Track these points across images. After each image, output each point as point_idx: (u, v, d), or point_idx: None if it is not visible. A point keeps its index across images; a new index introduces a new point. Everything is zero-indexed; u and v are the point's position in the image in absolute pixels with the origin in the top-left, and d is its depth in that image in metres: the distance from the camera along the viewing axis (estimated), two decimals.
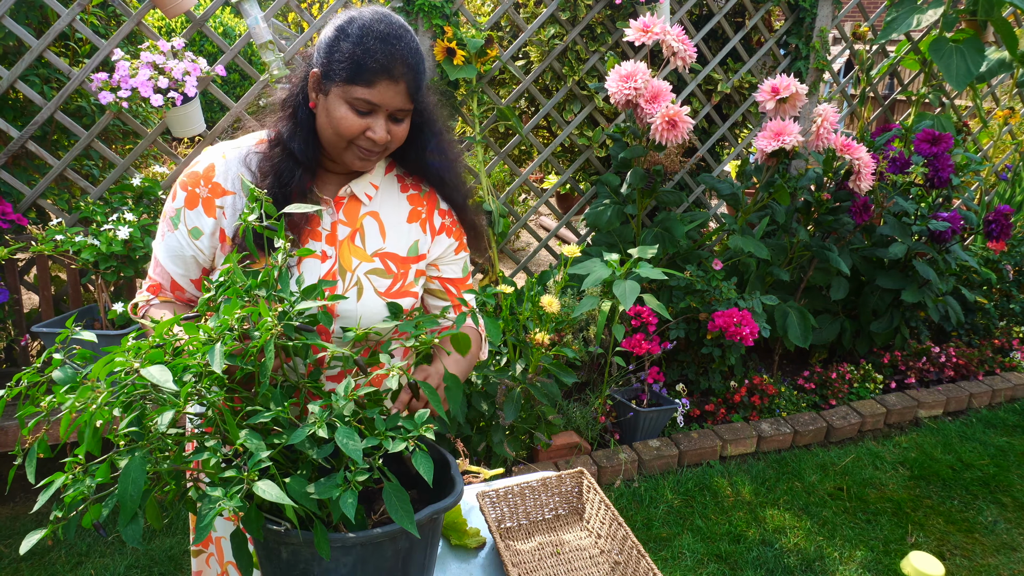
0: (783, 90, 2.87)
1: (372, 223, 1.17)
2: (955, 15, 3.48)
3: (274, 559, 0.85)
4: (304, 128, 1.09)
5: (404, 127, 1.08)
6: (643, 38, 2.78)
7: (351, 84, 1.01)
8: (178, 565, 2.20)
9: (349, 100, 1.02)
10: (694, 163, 3.68)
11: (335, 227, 1.14)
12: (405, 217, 1.20)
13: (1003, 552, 2.45)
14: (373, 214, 1.17)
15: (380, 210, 1.18)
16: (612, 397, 2.93)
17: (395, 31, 1.02)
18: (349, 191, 1.15)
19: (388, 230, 1.18)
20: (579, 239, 3.54)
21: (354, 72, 1.00)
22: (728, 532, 2.48)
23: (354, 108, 1.02)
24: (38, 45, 2.44)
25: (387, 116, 1.05)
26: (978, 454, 3.08)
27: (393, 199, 1.20)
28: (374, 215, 1.17)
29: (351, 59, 1.00)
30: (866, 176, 3.06)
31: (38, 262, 2.61)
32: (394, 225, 1.18)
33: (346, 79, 1.01)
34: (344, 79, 1.01)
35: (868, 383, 3.44)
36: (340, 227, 1.14)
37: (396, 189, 1.21)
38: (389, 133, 1.05)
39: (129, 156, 2.68)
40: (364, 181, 1.16)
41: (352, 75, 1.00)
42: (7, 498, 2.50)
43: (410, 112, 1.08)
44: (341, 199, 1.15)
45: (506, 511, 1.32)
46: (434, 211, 1.23)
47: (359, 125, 1.03)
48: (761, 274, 3.32)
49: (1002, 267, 4.06)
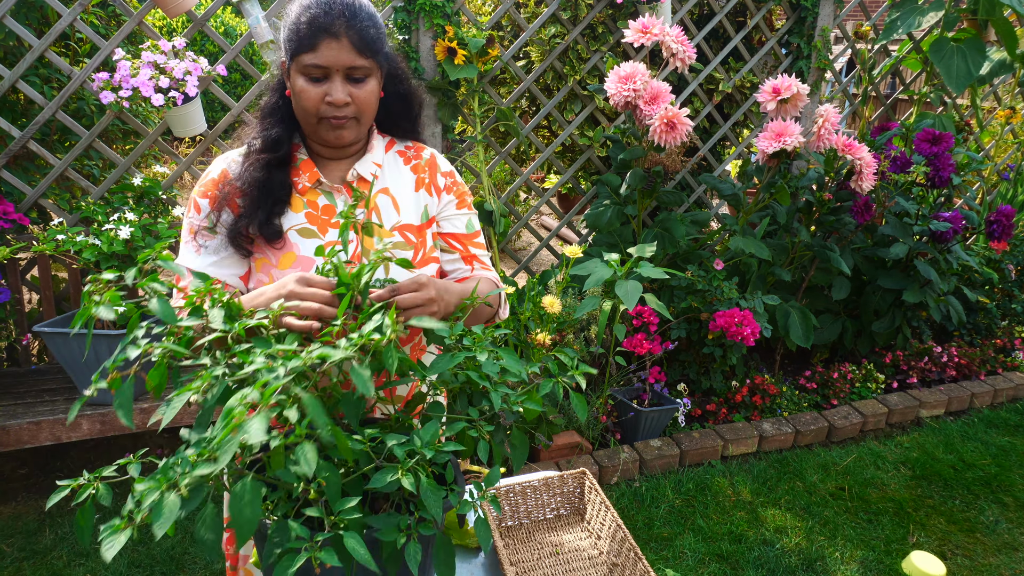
0: (784, 90, 2.86)
1: (385, 199, 1.19)
2: (956, 15, 3.47)
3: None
4: (281, 115, 1.15)
5: (368, 88, 1.09)
6: (642, 39, 2.77)
7: (299, 54, 1.04)
8: (179, 564, 2.21)
9: (302, 70, 1.05)
10: (695, 163, 3.68)
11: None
12: (412, 187, 1.23)
13: (1004, 552, 2.45)
14: (384, 191, 1.20)
15: (390, 186, 1.21)
16: (613, 397, 2.93)
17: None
18: (355, 174, 1.18)
19: (400, 203, 1.20)
20: (580, 239, 3.53)
21: (298, 42, 1.04)
22: (729, 532, 2.47)
23: (309, 77, 1.06)
24: (39, 45, 2.44)
25: (343, 78, 1.06)
26: (980, 454, 3.08)
27: (398, 172, 1.23)
28: (385, 191, 1.20)
29: (292, 30, 1.05)
30: (868, 176, 3.06)
31: (39, 262, 2.61)
32: (404, 196, 1.21)
33: (294, 50, 1.05)
34: (294, 51, 1.05)
35: (870, 383, 3.44)
36: (356, 210, 1.16)
37: (400, 163, 1.24)
38: (350, 96, 1.07)
39: (130, 156, 2.68)
40: (367, 161, 1.19)
41: (298, 45, 1.04)
42: (9, 497, 2.50)
43: (369, 71, 1.08)
44: (351, 183, 1.18)
45: (507, 510, 1.32)
46: (436, 174, 1.26)
47: (317, 93, 1.06)
48: (762, 274, 3.31)
49: (1004, 267, 4.06)
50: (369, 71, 1.08)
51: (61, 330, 2.23)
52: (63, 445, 2.74)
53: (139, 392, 2.44)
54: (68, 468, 2.67)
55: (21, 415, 2.28)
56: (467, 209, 1.29)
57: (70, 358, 2.27)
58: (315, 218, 1.14)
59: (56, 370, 2.65)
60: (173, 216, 2.52)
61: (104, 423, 2.32)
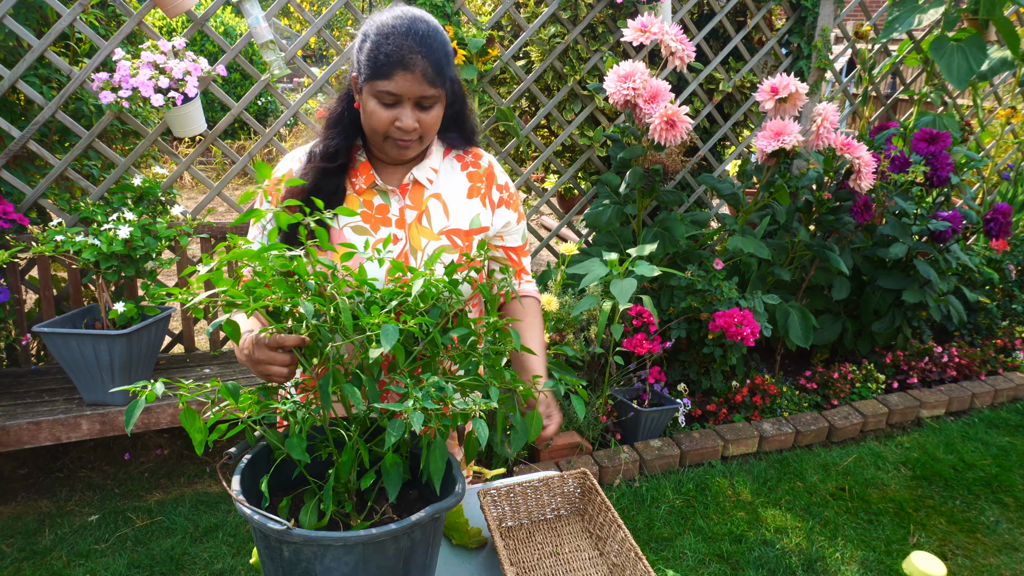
0: (782, 90, 2.86)
1: (436, 204, 1.27)
2: (957, 14, 3.47)
3: (276, 557, 0.85)
4: (347, 123, 1.23)
5: (434, 114, 1.16)
6: (641, 38, 2.77)
7: (374, 80, 1.11)
8: (179, 565, 2.20)
9: (375, 94, 1.12)
10: (695, 162, 3.68)
11: (403, 212, 1.25)
12: (465, 193, 1.30)
13: (1005, 552, 2.45)
14: (436, 196, 1.27)
15: (442, 191, 1.28)
16: (613, 397, 2.93)
17: (408, 25, 1.10)
18: (412, 178, 1.26)
19: (451, 208, 1.28)
20: (581, 239, 3.53)
21: (374, 68, 1.10)
22: (730, 532, 2.47)
23: (381, 102, 1.13)
24: (39, 45, 2.44)
25: (413, 104, 1.13)
26: (980, 454, 3.08)
27: (453, 178, 1.30)
28: (437, 196, 1.27)
29: (370, 57, 1.11)
30: (867, 175, 3.06)
31: (39, 262, 2.61)
32: (456, 203, 1.29)
33: (370, 76, 1.11)
34: (369, 76, 1.12)
35: (870, 383, 3.43)
36: (407, 211, 1.25)
37: (456, 168, 1.31)
38: (418, 121, 1.14)
39: (130, 156, 2.68)
40: (424, 167, 1.26)
41: (373, 72, 1.11)
42: (9, 497, 2.50)
43: (437, 99, 1.15)
44: (406, 186, 1.26)
45: (507, 510, 1.32)
46: (492, 186, 1.33)
47: (388, 116, 1.13)
48: (762, 274, 3.31)
49: (1004, 267, 4.05)
50: (437, 99, 1.15)
51: (61, 330, 2.22)
52: (63, 445, 2.74)
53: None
54: (68, 468, 2.67)
55: (21, 415, 2.28)
56: (522, 221, 1.39)
57: (70, 358, 2.27)
58: (369, 216, 1.23)
59: (56, 370, 2.65)
60: (172, 216, 2.52)
61: (104, 423, 2.32)
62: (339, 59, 2.90)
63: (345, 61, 2.91)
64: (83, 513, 2.43)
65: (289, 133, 8.39)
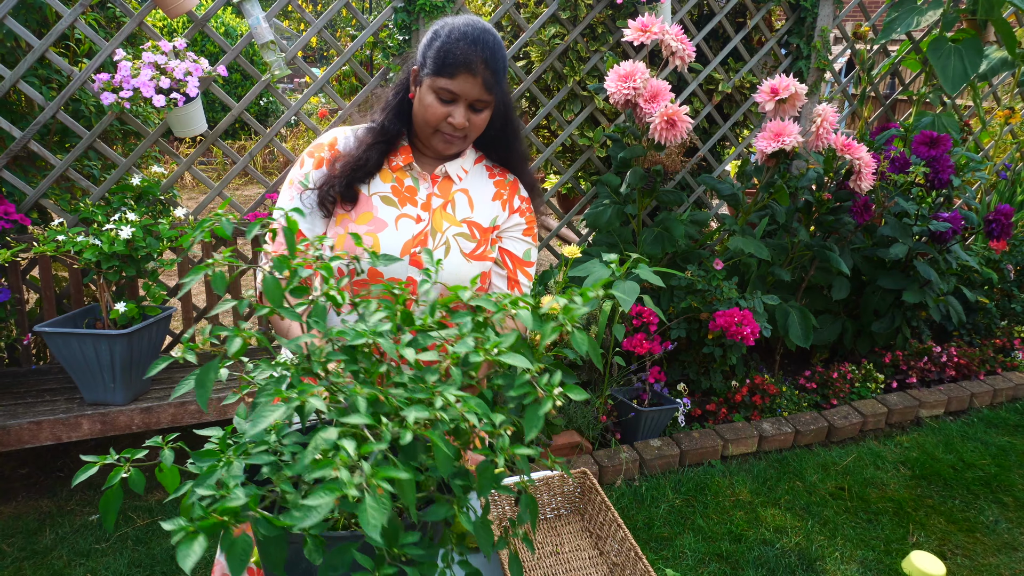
0: (782, 90, 2.86)
1: (462, 197, 1.35)
2: (955, 15, 3.47)
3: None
4: (400, 110, 1.31)
5: (483, 117, 1.26)
6: (641, 38, 2.78)
7: (438, 76, 1.20)
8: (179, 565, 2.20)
9: (435, 89, 1.21)
10: (695, 163, 3.68)
11: (430, 197, 1.33)
12: (490, 196, 1.38)
13: (1004, 552, 2.45)
14: (463, 191, 1.36)
15: (470, 188, 1.36)
16: (613, 397, 2.94)
17: (479, 35, 1.20)
18: (444, 171, 1.34)
19: (476, 203, 1.36)
20: (581, 239, 3.54)
21: (440, 65, 1.20)
22: (729, 532, 2.48)
23: (439, 97, 1.22)
24: (40, 45, 2.44)
25: (467, 106, 1.23)
26: (979, 454, 3.08)
27: (481, 182, 1.38)
28: (464, 191, 1.36)
29: (439, 55, 1.20)
30: (867, 176, 3.06)
31: (40, 262, 2.61)
32: (481, 201, 1.36)
33: (434, 71, 1.21)
34: (432, 71, 1.21)
35: (869, 383, 3.44)
36: (434, 198, 1.33)
37: (484, 175, 1.39)
38: (468, 121, 1.24)
39: (131, 156, 2.69)
40: (456, 164, 1.35)
41: (439, 68, 1.20)
42: (9, 497, 2.51)
43: (488, 104, 1.25)
44: (436, 176, 1.34)
45: (507, 510, 1.33)
46: (515, 196, 1.41)
47: (442, 111, 1.22)
48: (762, 274, 3.32)
49: (1003, 267, 4.06)
50: (488, 104, 1.25)
51: (62, 330, 2.23)
52: (63, 445, 2.74)
53: (140, 391, 2.44)
54: (68, 468, 2.67)
55: (21, 415, 2.28)
56: (531, 239, 1.42)
57: (71, 358, 2.27)
58: (398, 191, 1.31)
59: (56, 370, 2.65)
60: (174, 216, 2.52)
61: (104, 423, 2.33)
62: (339, 60, 2.90)
63: (346, 62, 2.92)
64: (84, 513, 2.44)
65: (290, 133, 8.40)
